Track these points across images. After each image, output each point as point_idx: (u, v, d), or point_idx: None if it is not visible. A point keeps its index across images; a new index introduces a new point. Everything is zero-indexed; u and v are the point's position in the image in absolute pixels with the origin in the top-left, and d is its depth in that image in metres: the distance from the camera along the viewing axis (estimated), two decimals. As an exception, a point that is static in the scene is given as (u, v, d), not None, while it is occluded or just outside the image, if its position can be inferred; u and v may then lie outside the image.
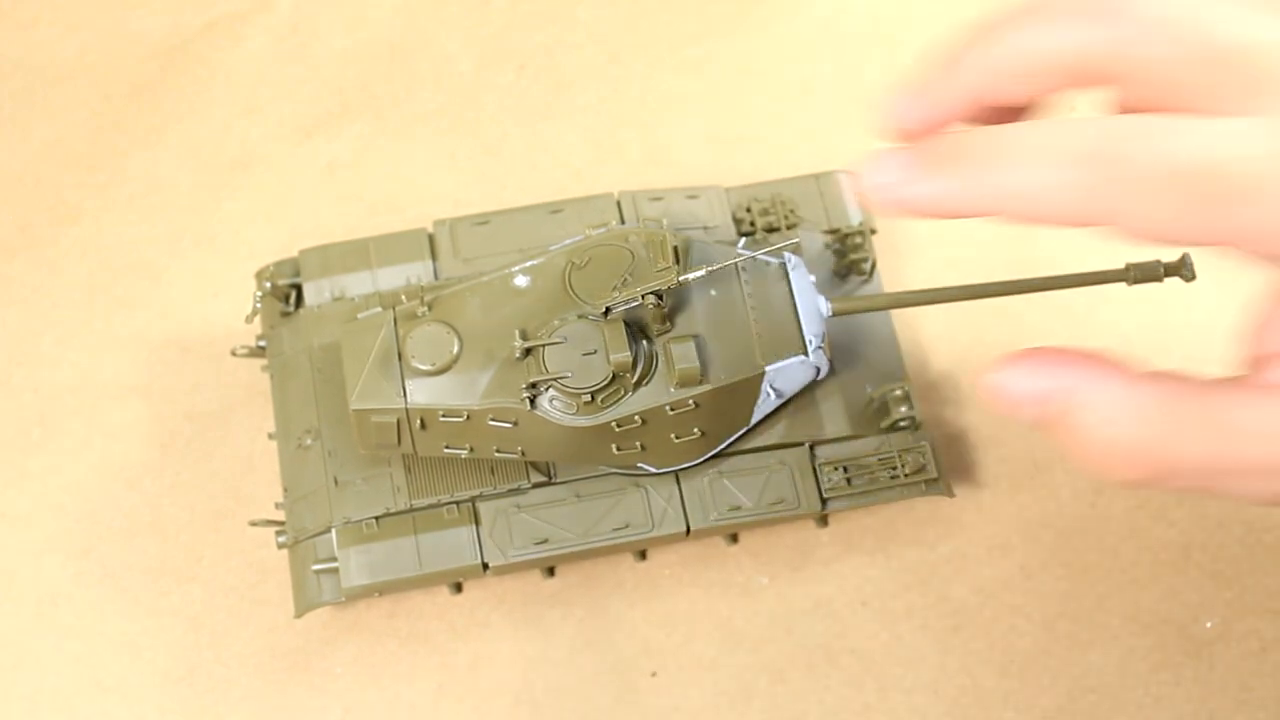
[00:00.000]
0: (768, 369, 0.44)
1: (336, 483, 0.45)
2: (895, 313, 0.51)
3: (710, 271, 0.43)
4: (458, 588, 0.48)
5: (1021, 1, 0.30)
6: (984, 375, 0.30)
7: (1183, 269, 0.38)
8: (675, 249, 0.42)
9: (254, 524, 0.46)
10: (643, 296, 0.41)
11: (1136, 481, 0.29)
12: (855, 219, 0.50)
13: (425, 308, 0.43)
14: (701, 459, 0.45)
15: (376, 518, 0.45)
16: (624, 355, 0.41)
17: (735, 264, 0.44)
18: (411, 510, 0.45)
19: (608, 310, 0.42)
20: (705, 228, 0.49)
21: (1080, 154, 0.27)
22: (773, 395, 0.45)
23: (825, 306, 0.45)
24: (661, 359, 0.42)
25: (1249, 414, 0.28)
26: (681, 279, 0.41)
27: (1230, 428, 0.28)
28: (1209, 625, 0.48)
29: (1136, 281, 0.39)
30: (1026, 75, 0.30)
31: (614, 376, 0.42)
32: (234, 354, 0.50)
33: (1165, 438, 0.29)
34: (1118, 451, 0.29)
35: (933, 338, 0.52)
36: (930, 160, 0.29)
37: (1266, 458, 0.28)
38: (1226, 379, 0.29)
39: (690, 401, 0.42)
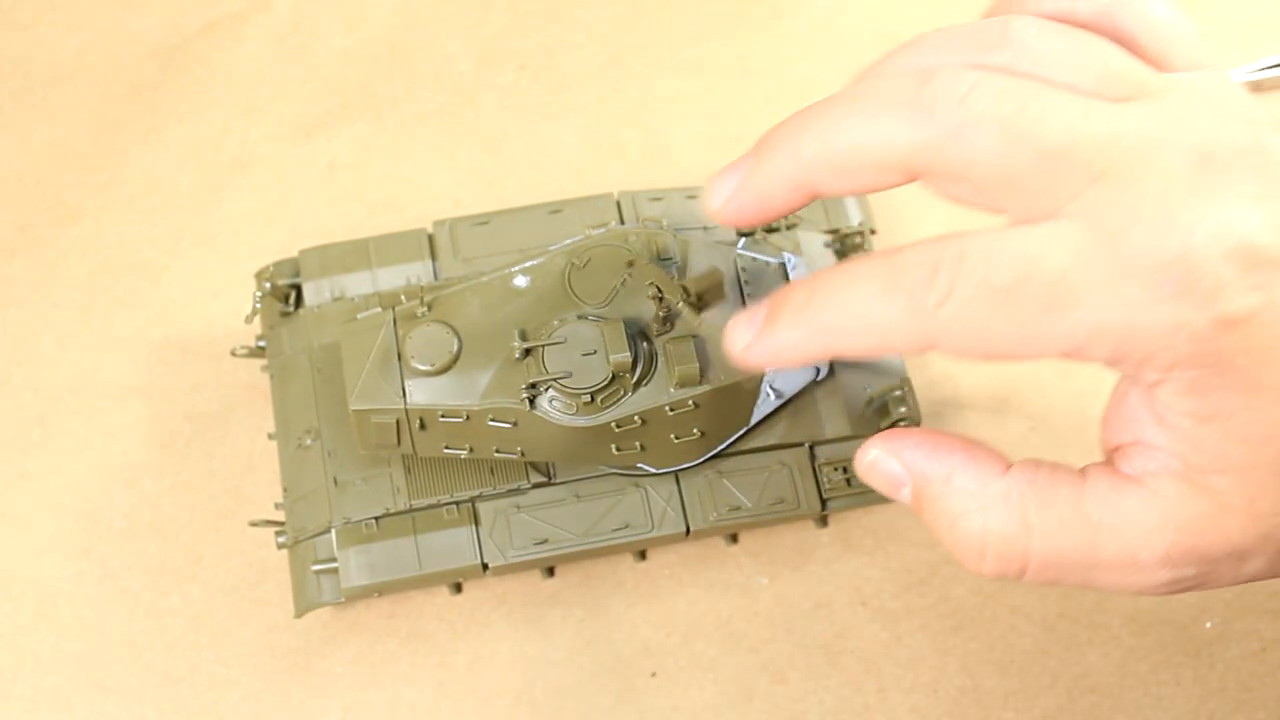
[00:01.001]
0: (768, 369, 0.44)
1: (336, 483, 0.45)
2: (895, 313, 0.51)
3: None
4: (458, 588, 0.48)
5: (844, 92, 0.30)
6: (859, 451, 0.31)
7: None
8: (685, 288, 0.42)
9: (254, 524, 0.46)
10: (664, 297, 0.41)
11: (999, 575, 0.29)
12: (855, 219, 0.50)
13: (425, 308, 0.43)
14: (701, 459, 0.46)
15: (376, 518, 0.45)
16: (624, 355, 0.41)
17: (735, 264, 0.45)
18: (411, 510, 0.45)
19: (665, 319, 0.42)
20: (705, 228, 0.49)
21: (896, 288, 0.28)
22: (772, 396, 0.45)
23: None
24: (661, 359, 0.42)
25: (1102, 507, 0.28)
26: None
27: (1086, 522, 0.28)
28: (1209, 625, 0.48)
29: None
30: (844, 171, 0.29)
31: (614, 377, 0.42)
32: (234, 354, 0.50)
33: (1024, 532, 0.28)
34: (978, 545, 0.29)
35: (933, 338, 0.52)
36: (772, 314, 0.30)
37: (1121, 551, 0.28)
38: (1088, 469, 0.29)
39: (690, 402, 0.42)
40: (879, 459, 0.31)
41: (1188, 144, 0.26)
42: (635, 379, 0.42)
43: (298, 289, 0.49)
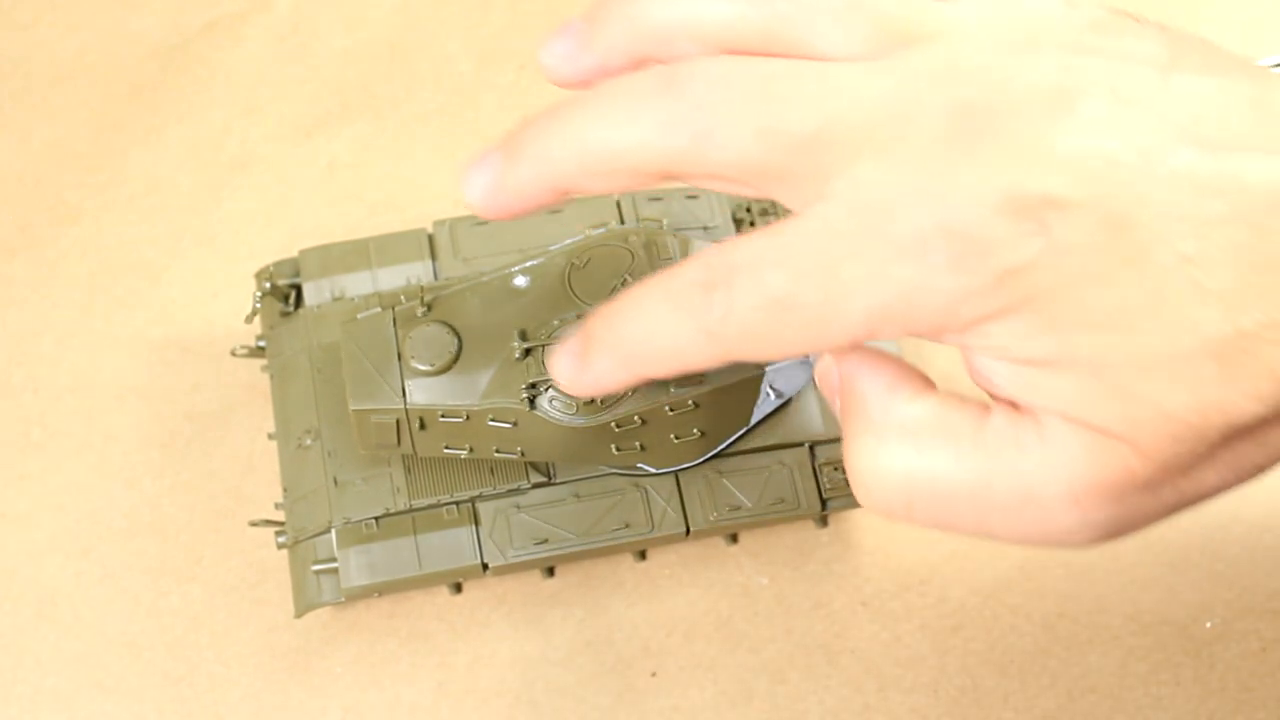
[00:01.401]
0: (767, 369, 0.44)
1: (336, 483, 0.45)
2: (895, 313, 0.51)
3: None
4: (458, 588, 0.48)
5: (596, 88, 0.29)
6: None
7: None
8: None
9: (254, 524, 0.46)
10: None
11: (884, 512, 0.28)
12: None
13: (425, 308, 0.43)
14: (701, 459, 0.46)
15: (376, 518, 0.45)
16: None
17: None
18: (411, 510, 0.45)
19: None
20: (705, 228, 0.49)
21: (680, 310, 0.27)
22: (772, 395, 0.45)
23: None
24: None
25: (999, 441, 0.27)
26: None
27: (980, 456, 0.27)
28: (1209, 625, 0.48)
29: None
30: (598, 175, 0.29)
31: (614, 377, 0.42)
32: (234, 354, 0.50)
33: (911, 467, 0.28)
34: (867, 475, 0.28)
35: (933, 338, 0.52)
36: (583, 347, 0.30)
37: (1016, 488, 0.27)
38: (996, 404, 0.28)
39: (690, 402, 0.42)
40: (828, 369, 0.30)
41: (947, 99, 0.26)
42: (635, 379, 0.42)
43: (298, 289, 0.49)
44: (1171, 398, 0.25)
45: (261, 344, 0.49)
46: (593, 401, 0.42)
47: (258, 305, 0.49)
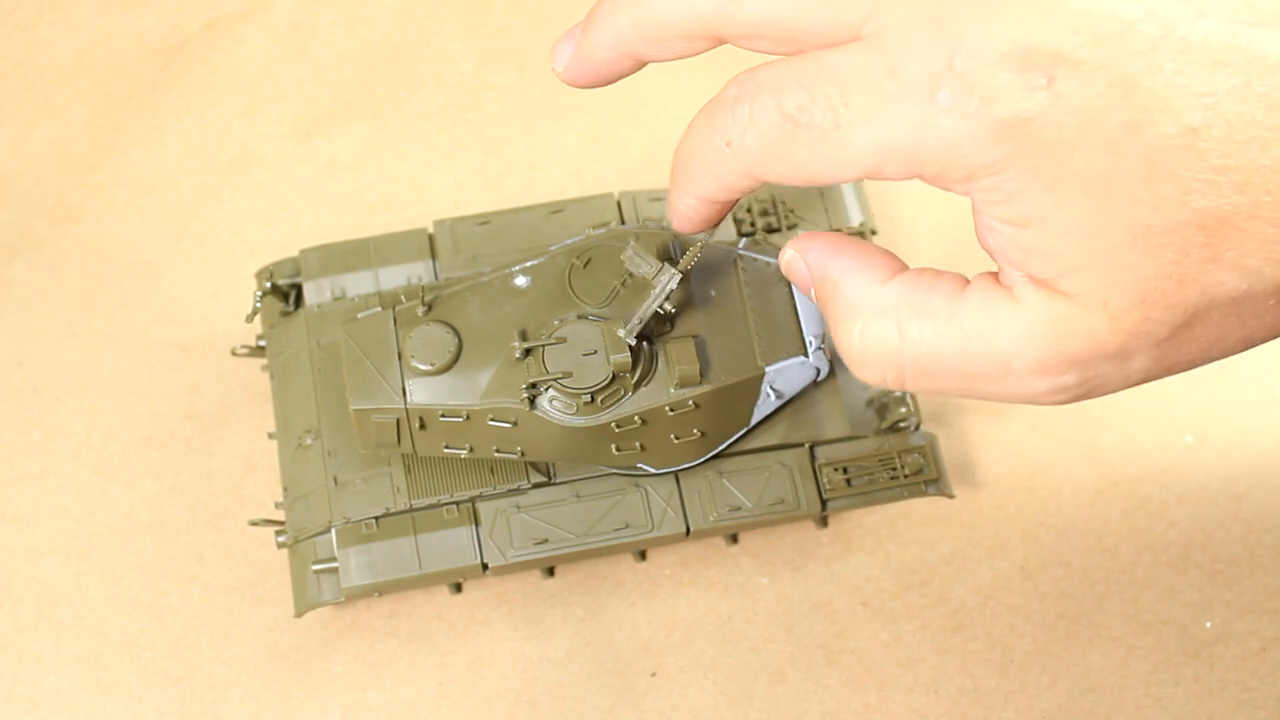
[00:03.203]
0: (768, 370, 0.44)
1: (336, 482, 0.45)
2: (895, 313, 0.51)
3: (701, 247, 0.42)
4: (458, 588, 0.48)
5: None
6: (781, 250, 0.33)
7: None
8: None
9: (254, 524, 0.46)
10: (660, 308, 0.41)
11: (879, 383, 0.30)
12: (855, 219, 0.50)
13: (425, 307, 0.43)
14: (701, 459, 0.45)
15: (376, 518, 0.45)
16: (624, 355, 0.41)
17: (735, 264, 0.45)
18: (411, 510, 0.45)
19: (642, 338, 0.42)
20: (705, 228, 0.49)
21: (714, 124, 0.30)
22: (773, 396, 0.45)
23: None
24: (661, 359, 0.42)
25: (975, 316, 0.28)
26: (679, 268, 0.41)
27: (958, 330, 0.28)
28: (1209, 625, 0.48)
29: None
30: (657, 41, 0.31)
31: (614, 377, 0.42)
32: (234, 354, 0.50)
33: (897, 341, 0.29)
34: (857, 351, 0.30)
35: (933, 338, 0.52)
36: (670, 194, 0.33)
37: (991, 360, 0.28)
38: (975, 279, 0.29)
39: (690, 402, 0.42)
40: (793, 259, 0.32)
41: None
42: (635, 379, 0.42)
43: (298, 288, 0.49)
44: (1151, 267, 0.25)
45: (262, 343, 0.49)
46: (593, 401, 0.42)
47: (258, 305, 0.49)
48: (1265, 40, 0.25)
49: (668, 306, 0.41)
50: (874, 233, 0.50)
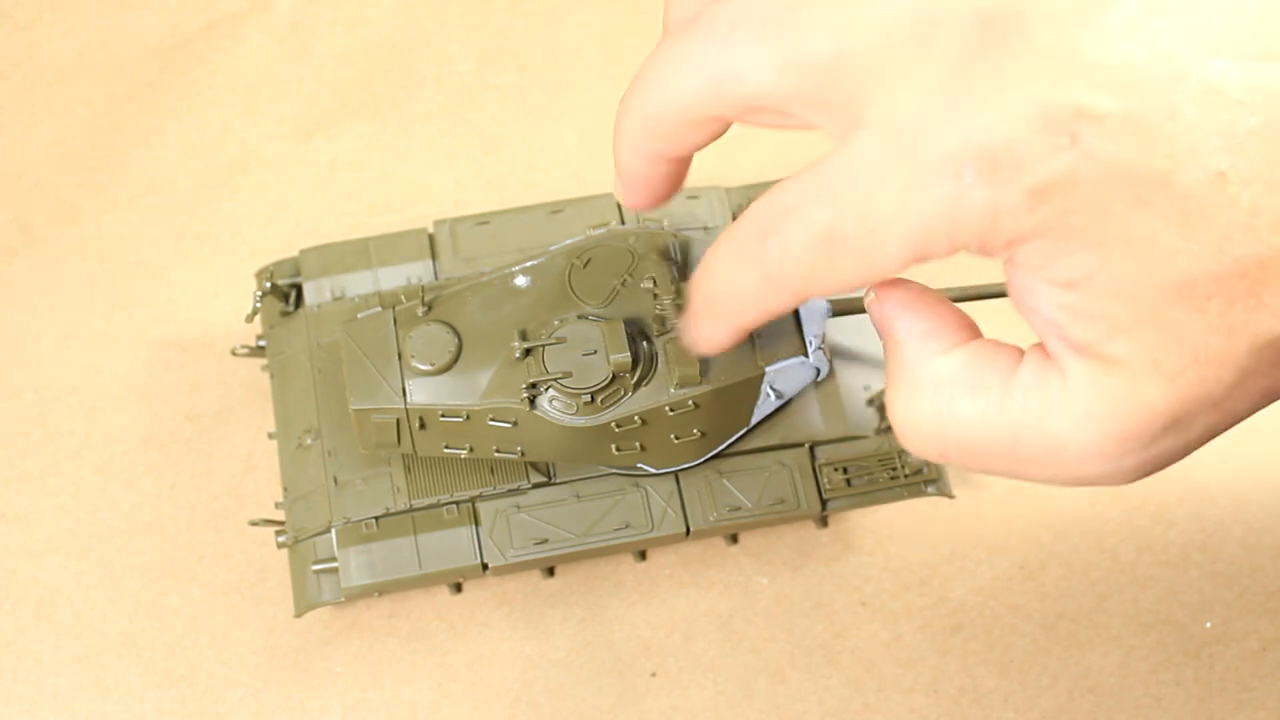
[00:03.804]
0: (768, 370, 0.44)
1: (336, 482, 0.45)
2: (895, 313, 0.51)
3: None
4: (458, 588, 0.48)
5: (658, 50, 0.30)
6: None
7: None
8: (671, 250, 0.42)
9: (254, 524, 0.46)
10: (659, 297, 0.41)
11: (920, 454, 0.29)
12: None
13: (425, 307, 0.43)
14: (701, 459, 0.45)
15: (376, 518, 0.45)
16: (624, 355, 0.41)
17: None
18: (411, 510, 0.45)
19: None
20: (705, 228, 0.49)
21: (745, 259, 0.28)
22: (773, 396, 0.45)
23: (825, 306, 0.45)
24: (662, 359, 0.42)
25: (1026, 396, 0.27)
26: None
27: (1008, 412, 0.27)
28: (1209, 625, 0.48)
29: None
30: (668, 138, 0.30)
31: (614, 377, 0.42)
32: (234, 354, 0.50)
33: (941, 420, 0.28)
34: (900, 421, 0.29)
35: (933, 338, 0.52)
36: (689, 313, 0.32)
37: (1043, 445, 0.27)
38: (1029, 350, 0.28)
39: (690, 402, 0.42)
40: (871, 305, 0.31)
41: (969, 10, 0.25)
42: (635, 379, 0.42)
43: (298, 288, 0.49)
44: (1199, 321, 0.24)
45: (262, 343, 0.49)
46: (593, 401, 0.42)
47: (258, 305, 0.49)
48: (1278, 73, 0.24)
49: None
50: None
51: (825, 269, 0.27)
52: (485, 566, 0.45)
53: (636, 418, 0.42)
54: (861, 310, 0.46)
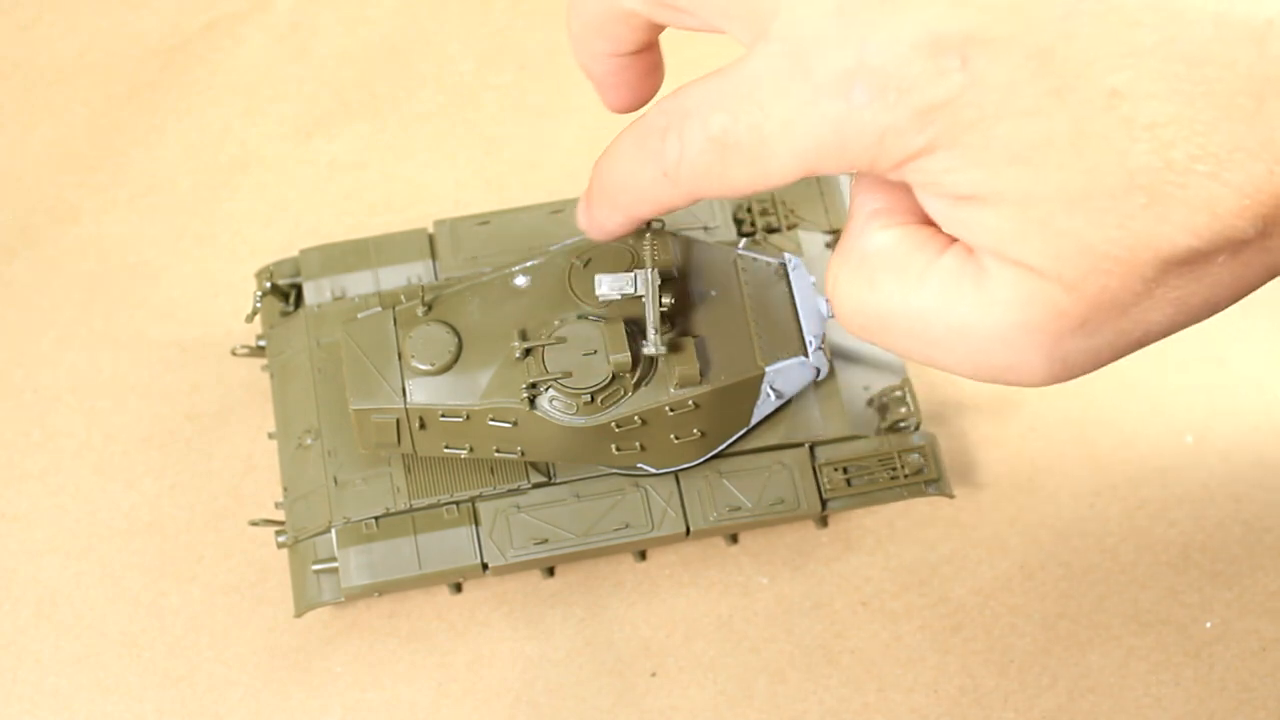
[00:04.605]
0: (767, 370, 0.44)
1: (336, 482, 0.45)
2: (895, 313, 0.51)
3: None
4: (457, 588, 0.48)
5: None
6: None
7: None
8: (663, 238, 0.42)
9: (254, 524, 0.46)
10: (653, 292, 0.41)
11: (849, 327, 0.30)
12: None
13: (425, 307, 0.43)
14: (701, 459, 0.45)
15: (376, 518, 0.45)
16: (624, 355, 0.41)
17: (735, 264, 0.45)
18: (411, 510, 0.45)
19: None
20: (705, 228, 0.49)
21: (645, 153, 0.30)
22: (772, 396, 0.45)
23: (825, 307, 0.45)
24: (661, 359, 0.42)
25: (943, 280, 0.28)
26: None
27: (923, 294, 0.28)
28: (1209, 625, 0.48)
29: None
30: (603, 32, 0.33)
31: (614, 377, 0.42)
32: (234, 354, 0.50)
33: (864, 297, 0.29)
34: (834, 287, 0.30)
35: (933, 338, 0.52)
36: (586, 196, 0.35)
37: (950, 330, 0.28)
38: (957, 240, 0.28)
39: (690, 402, 0.42)
40: (853, 179, 0.32)
41: None
42: (635, 379, 0.42)
43: (298, 288, 0.49)
44: (1097, 232, 0.25)
45: (262, 343, 0.49)
46: (593, 401, 0.42)
47: (258, 305, 0.49)
48: None
49: (666, 302, 0.41)
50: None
51: (719, 172, 0.29)
52: (485, 566, 0.45)
53: (636, 418, 0.42)
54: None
